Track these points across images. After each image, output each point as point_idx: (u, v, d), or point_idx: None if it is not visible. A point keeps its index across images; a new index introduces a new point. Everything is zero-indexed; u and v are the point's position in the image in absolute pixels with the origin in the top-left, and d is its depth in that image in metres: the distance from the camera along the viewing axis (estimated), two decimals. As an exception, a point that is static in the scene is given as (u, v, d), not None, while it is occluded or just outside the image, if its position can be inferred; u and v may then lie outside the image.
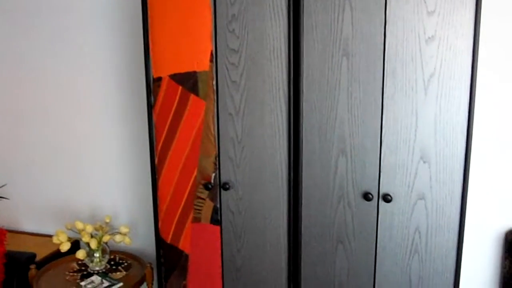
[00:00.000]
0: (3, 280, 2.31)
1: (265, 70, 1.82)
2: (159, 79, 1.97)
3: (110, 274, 2.31)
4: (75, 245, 2.60)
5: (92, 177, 2.74)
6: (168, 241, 2.10)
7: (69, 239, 2.31)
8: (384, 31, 1.66)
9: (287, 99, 1.81)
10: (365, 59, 1.70)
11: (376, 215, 1.80)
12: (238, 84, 1.87)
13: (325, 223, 1.86)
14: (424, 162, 1.72)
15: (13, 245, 2.66)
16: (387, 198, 1.76)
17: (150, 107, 2.02)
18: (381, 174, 1.76)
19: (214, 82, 1.89)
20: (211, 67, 1.88)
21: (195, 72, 1.91)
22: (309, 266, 1.91)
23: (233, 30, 1.83)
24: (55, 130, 2.77)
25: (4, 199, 2.96)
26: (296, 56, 1.78)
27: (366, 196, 1.77)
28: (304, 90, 1.78)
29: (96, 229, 2.36)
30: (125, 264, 2.42)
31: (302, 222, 1.88)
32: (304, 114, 1.80)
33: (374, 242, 1.82)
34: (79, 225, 2.30)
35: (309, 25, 1.74)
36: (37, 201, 2.90)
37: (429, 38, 1.63)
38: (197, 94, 1.92)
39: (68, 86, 2.68)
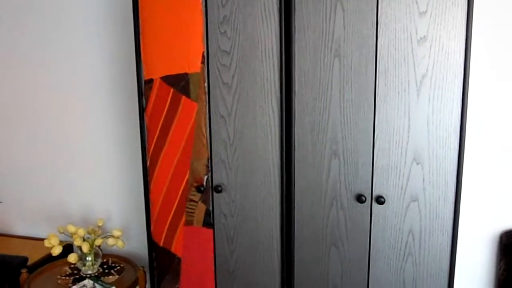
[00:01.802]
0: (-6, 284, 2.29)
1: (257, 71, 1.81)
2: (150, 81, 1.95)
3: (102, 277, 2.29)
4: (68, 248, 2.58)
5: (84, 180, 2.72)
6: (161, 244, 2.08)
7: (61, 242, 2.30)
8: (376, 32, 1.65)
9: (279, 101, 1.80)
10: (357, 60, 1.69)
11: (369, 217, 1.78)
12: (230, 85, 1.85)
13: (318, 225, 1.84)
14: (417, 163, 1.71)
15: (5, 249, 2.64)
16: (380, 200, 1.74)
17: (141, 109, 2.00)
18: (374, 176, 1.75)
19: (206, 84, 1.88)
20: (202, 68, 1.87)
21: (186, 74, 1.89)
22: (302, 269, 1.89)
23: (225, 31, 1.82)
24: (47, 133, 2.75)
25: (-4, 203, 2.94)
26: (287, 58, 1.77)
27: (359, 198, 1.76)
28: (296, 91, 1.77)
29: (88, 233, 2.34)
30: (118, 267, 2.40)
31: (295, 225, 1.87)
32: (296, 116, 1.79)
33: (368, 245, 1.80)
34: (71, 229, 2.28)
35: (300, 26, 1.73)
36: (29, 204, 2.88)
37: (421, 38, 1.62)
38: (188, 96, 1.91)
39: (60, 88, 2.67)
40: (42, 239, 2.70)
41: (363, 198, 1.76)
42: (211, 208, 1.96)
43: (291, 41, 1.75)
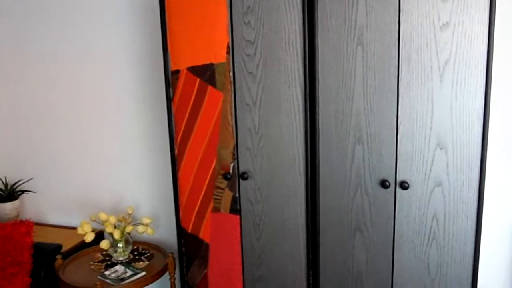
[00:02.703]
0: (30, 270, 2.39)
1: (281, 60, 1.84)
2: (177, 71, 2.00)
3: (133, 263, 2.37)
4: (99, 236, 2.67)
5: (114, 169, 2.80)
6: (189, 230, 2.14)
7: (93, 230, 2.38)
8: (398, 18, 1.67)
9: (303, 89, 1.83)
10: (380, 47, 1.71)
11: (393, 202, 1.81)
12: (255, 75, 1.89)
13: (342, 211, 1.88)
14: (441, 149, 1.72)
15: (40, 237, 2.73)
16: (404, 186, 1.77)
17: (169, 99, 2.06)
18: (398, 161, 1.77)
19: (231, 74, 1.92)
20: (228, 58, 1.91)
21: (212, 64, 1.94)
22: (327, 254, 1.93)
23: (249, 21, 1.86)
24: (78, 125, 2.83)
25: (31, 193, 3.05)
26: (311, 46, 1.80)
27: (383, 184, 1.79)
28: (319, 79, 1.80)
29: (119, 220, 2.42)
30: (148, 254, 2.48)
31: (320, 210, 1.90)
32: (320, 104, 1.82)
33: (392, 230, 1.83)
34: (103, 216, 2.36)
35: (323, 15, 1.75)
36: (62, 194, 2.98)
37: (443, 24, 1.63)
38: (214, 85, 1.95)
39: (91, 80, 2.74)
40: (75, 228, 2.80)
41: (387, 184, 1.78)
42: (237, 195, 2.01)
43: (314, 30, 1.78)
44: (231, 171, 2.00)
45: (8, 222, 2.49)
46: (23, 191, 2.99)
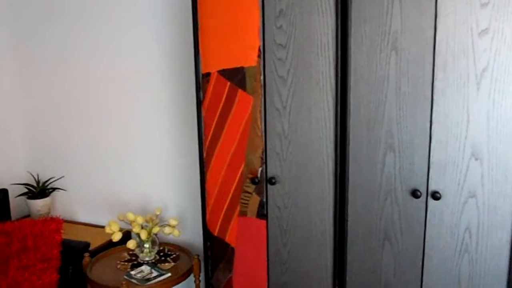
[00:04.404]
0: (59, 266, 2.42)
1: (313, 65, 1.82)
2: (208, 74, 2.00)
3: (159, 264, 2.38)
4: (127, 235, 2.69)
5: (143, 170, 2.82)
6: (215, 234, 2.13)
7: (121, 229, 2.40)
8: (434, 24, 1.63)
9: (334, 94, 1.81)
10: (415, 53, 1.67)
11: (424, 213, 1.76)
12: (286, 79, 1.88)
13: (371, 219, 1.84)
14: (476, 159, 1.67)
15: (69, 234, 2.78)
16: (436, 196, 1.72)
17: (199, 102, 2.06)
18: (430, 170, 1.72)
19: (262, 78, 1.91)
20: (258, 62, 1.90)
21: (243, 68, 1.93)
22: (354, 263, 1.90)
23: (281, 25, 1.84)
24: (109, 125, 2.87)
25: (62, 190, 3.10)
26: (343, 51, 1.77)
27: (414, 193, 1.74)
28: (351, 85, 1.78)
29: (146, 221, 2.43)
30: (174, 255, 2.49)
31: (348, 218, 1.87)
32: (351, 109, 1.79)
33: (422, 241, 1.78)
34: (131, 217, 2.38)
35: (357, 19, 1.73)
36: (92, 193, 3.02)
37: (482, 31, 1.58)
38: (245, 89, 1.95)
39: (120, 82, 2.77)
40: (103, 227, 2.84)
41: (419, 193, 1.74)
42: (265, 200, 2.00)
43: (347, 34, 1.75)
44: (259, 175, 1.99)
45: (39, 219, 2.53)
46: (54, 189, 3.04)
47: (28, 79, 3.08)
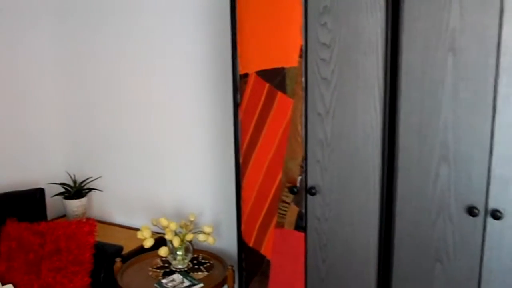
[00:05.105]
0: (91, 270, 2.36)
1: (359, 66, 1.66)
2: (245, 75, 1.88)
3: (191, 273, 2.28)
4: (161, 240, 2.61)
5: (179, 174, 2.74)
6: (250, 244, 2.01)
7: (154, 234, 2.32)
8: (499, 21, 1.44)
9: (382, 98, 1.64)
10: (476, 55, 1.48)
11: (482, 233, 1.57)
12: (329, 81, 1.73)
13: (421, 238, 1.66)
14: (545, 175, 1.47)
15: (103, 236, 2.73)
16: (496, 215, 1.53)
17: (236, 104, 1.94)
18: (490, 186, 1.53)
19: (303, 79, 1.77)
20: (300, 63, 1.76)
21: (283, 68, 1.80)
22: (401, 285, 1.72)
23: (325, 23, 1.70)
24: (146, 127, 2.81)
25: (98, 191, 3.06)
26: (394, 51, 1.61)
27: (471, 211, 1.56)
28: (402, 88, 1.60)
29: (180, 227, 2.34)
30: (208, 264, 2.38)
31: (395, 235, 1.70)
32: (401, 115, 1.62)
33: (479, 264, 1.59)
34: (164, 222, 2.29)
35: (410, 16, 1.55)
36: (127, 195, 2.96)
37: (557, 29, 1.38)
38: (284, 91, 1.81)
39: (157, 84, 2.70)
40: (138, 229, 2.77)
41: (476, 211, 1.55)
42: (304, 211, 1.86)
43: (398, 32, 1.58)
44: (298, 184, 1.85)
45: (73, 220, 2.49)
46: (90, 189, 3.01)
47: (68, 79, 3.06)
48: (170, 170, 2.77)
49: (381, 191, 1.70)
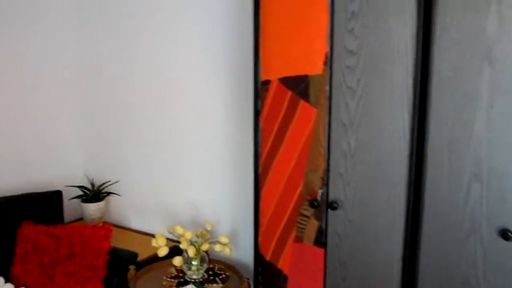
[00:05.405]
0: (104, 276, 2.31)
1: (387, 75, 1.57)
2: (267, 82, 1.81)
3: (206, 284, 2.20)
4: (177, 248, 2.54)
5: (196, 181, 2.68)
6: (267, 258, 1.93)
7: (168, 242, 2.26)
8: (542, 30, 1.33)
9: (411, 109, 1.54)
10: (514, 66, 1.38)
11: (516, 257, 1.46)
12: (355, 90, 1.64)
13: (449, 259, 1.55)
14: None
15: (119, 241, 2.68)
16: (532, 239, 1.41)
17: (257, 112, 1.87)
18: (527, 208, 1.42)
19: (327, 88, 1.68)
20: (324, 70, 1.68)
21: (306, 76, 1.72)
22: (426, 309, 1.62)
23: (352, 29, 1.61)
24: (165, 132, 2.76)
25: (116, 195, 3.02)
26: (425, 59, 1.51)
27: (505, 234, 1.44)
28: (433, 99, 1.50)
29: (197, 236, 2.28)
30: (223, 275, 2.30)
31: (421, 256, 1.59)
32: (431, 128, 1.52)
33: (512, 291, 1.48)
34: (180, 231, 2.23)
35: (443, 23, 1.45)
36: (144, 200, 2.92)
37: None
38: (307, 100, 1.73)
39: (177, 90, 2.65)
40: (153, 235, 2.72)
41: (510, 234, 1.43)
42: (324, 226, 1.76)
43: (430, 40, 1.48)
44: (319, 198, 1.76)
45: (89, 224, 2.45)
46: (108, 193, 2.97)
47: (88, 82, 3.04)
48: (187, 177, 2.71)
49: (407, 208, 1.60)
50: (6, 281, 2.31)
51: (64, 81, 3.01)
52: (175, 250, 2.48)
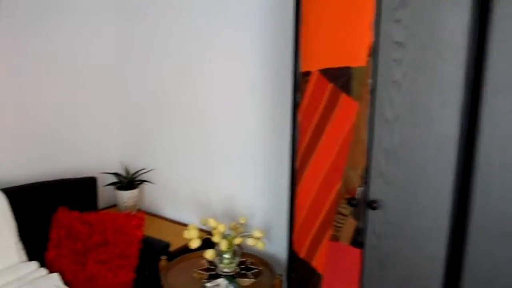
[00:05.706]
0: (136, 265, 2.30)
1: (436, 69, 1.46)
2: (307, 73, 1.73)
3: (238, 278, 2.16)
4: (209, 240, 2.51)
5: (231, 173, 2.63)
6: (301, 256, 1.86)
7: (200, 233, 2.22)
8: None
9: (461, 108, 1.44)
10: None
11: None
12: (400, 84, 1.54)
13: (496, 270, 1.45)
14: None
15: (152, 230, 2.68)
16: None
17: (295, 104, 1.80)
18: None
19: (371, 81, 1.59)
20: (369, 62, 1.58)
21: (349, 68, 1.63)
22: (469, 319, 1.52)
23: (400, 19, 1.51)
24: (201, 122, 2.72)
25: (150, 184, 3.01)
26: (479, 54, 1.39)
27: (561, 244, 1.33)
28: (486, 97, 1.39)
29: (230, 228, 2.23)
30: (255, 270, 2.25)
31: (466, 263, 1.50)
32: (483, 128, 1.41)
33: None
34: (212, 223, 2.19)
35: (502, 14, 1.34)
36: (179, 189, 2.90)
37: None
38: (349, 93, 1.64)
39: (214, 80, 2.60)
40: (186, 225, 2.70)
41: None
42: (362, 226, 1.68)
43: (486, 32, 1.37)
44: (357, 196, 1.67)
45: (122, 212, 2.44)
46: (143, 181, 2.96)
47: (126, 72, 3.02)
48: (222, 169, 2.66)
49: (452, 213, 1.50)
50: (41, 265, 2.32)
51: (105, 72, 3.01)
52: (207, 240, 2.45)
